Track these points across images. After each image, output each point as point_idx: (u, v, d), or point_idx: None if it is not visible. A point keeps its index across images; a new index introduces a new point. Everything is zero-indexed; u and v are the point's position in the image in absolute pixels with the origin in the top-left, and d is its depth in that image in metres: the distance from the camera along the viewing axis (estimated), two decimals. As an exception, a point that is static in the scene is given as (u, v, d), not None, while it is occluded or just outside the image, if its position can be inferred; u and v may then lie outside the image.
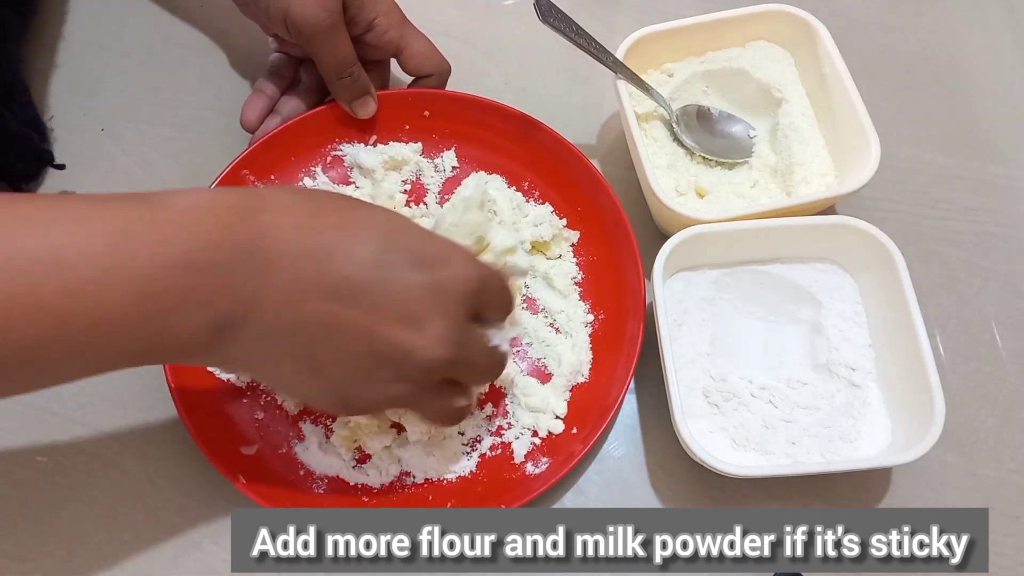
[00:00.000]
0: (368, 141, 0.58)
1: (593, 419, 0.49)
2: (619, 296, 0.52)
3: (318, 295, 0.36)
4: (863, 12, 0.68)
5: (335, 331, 0.37)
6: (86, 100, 0.61)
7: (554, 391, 0.51)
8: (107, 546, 0.47)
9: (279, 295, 0.35)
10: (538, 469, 0.49)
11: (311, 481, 0.49)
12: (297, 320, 0.36)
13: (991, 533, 0.49)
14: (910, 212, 0.59)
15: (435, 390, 0.41)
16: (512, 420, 0.51)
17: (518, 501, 0.46)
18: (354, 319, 0.37)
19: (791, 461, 0.48)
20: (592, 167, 0.54)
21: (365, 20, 0.53)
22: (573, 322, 0.53)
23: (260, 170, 0.56)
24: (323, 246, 0.36)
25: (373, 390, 0.39)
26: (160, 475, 0.49)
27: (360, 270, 0.37)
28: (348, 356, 0.38)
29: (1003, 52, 0.66)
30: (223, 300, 0.34)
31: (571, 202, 0.56)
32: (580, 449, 0.47)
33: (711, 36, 0.59)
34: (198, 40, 0.64)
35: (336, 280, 0.36)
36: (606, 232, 0.54)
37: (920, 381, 0.46)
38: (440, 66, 0.57)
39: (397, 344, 0.37)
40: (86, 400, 0.51)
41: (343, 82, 0.54)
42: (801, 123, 0.57)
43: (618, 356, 0.51)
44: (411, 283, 0.37)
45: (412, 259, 0.38)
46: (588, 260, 0.55)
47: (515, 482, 0.48)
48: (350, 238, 0.37)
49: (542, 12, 0.51)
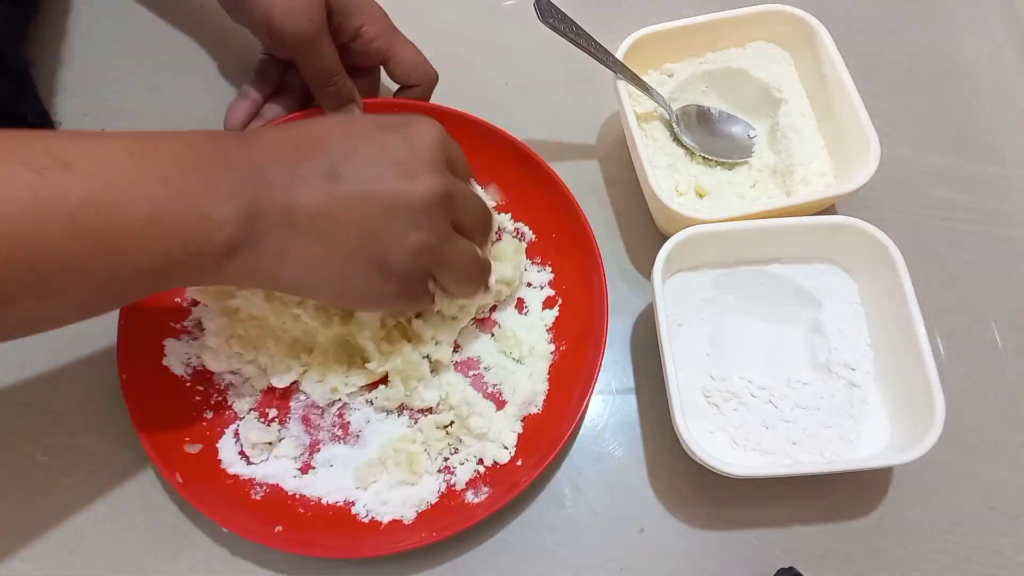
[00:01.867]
0: None
1: (541, 451, 0.48)
2: (583, 330, 0.51)
3: (317, 179, 0.41)
4: (863, 12, 0.68)
5: (341, 202, 0.41)
6: (86, 100, 0.61)
7: (506, 419, 0.50)
8: (107, 546, 0.47)
9: (284, 189, 0.40)
10: (478, 498, 0.48)
11: (251, 487, 0.48)
12: (306, 204, 0.40)
13: (991, 533, 0.49)
14: (910, 212, 0.59)
15: (452, 235, 0.45)
16: (458, 446, 0.50)
17: (452, 529, 0.45)
18: (353, 186, 0.41)
19: (791, 461, 0.48)
20: (570, 195, 0.53)
21: (351, 28, 0.53)
22: (535, 352, 0.52)
23: None
24: (304, 142, 0.42)
25: (399, 245, 0.42)
26: (160, 475, 0.49)
27: (340, 145, 0.42)
28: (360, 218, 0.41)
29: (1003, 52, 0.66)
30: (245, 191, 0.39)
31: (546, 229, 0.55)
32: (524, 480, 0.46)
33: (711, 36, 0.59)
34: (198, 40, 0.64)
35: (325, 161, 0.41)
36: (578, 264, 0.53)
37: (920, 381, 0.46)
38: (426, 76, 0.56)
39: (398, 192, 0.42)
40: (86, 400, 0.51)
41: (327, 91, 0.53)
42: (801, 123, 0.57)
43: (572, 390, 0.49)
44: (388, 142, 0.43)
45: (381, 127, 0.44)
46: (559, 291, 0.54)
47: (453, 509, 0.48)
48: (321, 131, 0.43)
49: (542, 12, 0.51)
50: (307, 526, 0.47)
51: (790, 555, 0.48)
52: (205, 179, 0.38)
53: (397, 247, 0.42)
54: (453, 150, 0.46)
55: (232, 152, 0.40)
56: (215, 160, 0.39)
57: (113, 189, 0.35)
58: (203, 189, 0.38)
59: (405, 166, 0.42)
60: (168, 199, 0.36)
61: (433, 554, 0.48)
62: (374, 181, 0.41)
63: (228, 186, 0.38)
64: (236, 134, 0.42)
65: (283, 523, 0.46)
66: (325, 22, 0.51)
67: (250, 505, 0.47)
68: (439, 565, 0.48)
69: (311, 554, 0.45)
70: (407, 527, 0.47)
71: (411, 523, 0.47)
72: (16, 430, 0.50)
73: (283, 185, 0.40)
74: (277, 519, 0.47)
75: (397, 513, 0.48)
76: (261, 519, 0.46)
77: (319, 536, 0.46)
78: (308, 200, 0.40)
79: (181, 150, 0.38)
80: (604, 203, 0.59)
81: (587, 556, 0.48)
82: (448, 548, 0.48)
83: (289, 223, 0.40)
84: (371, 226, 0.41)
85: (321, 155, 0.41)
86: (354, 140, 0.43)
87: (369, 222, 0.41)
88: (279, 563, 0.47)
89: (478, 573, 0.48)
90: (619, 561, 0.48)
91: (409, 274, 0.44)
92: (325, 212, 0.41)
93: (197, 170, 0.38)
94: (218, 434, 0.50)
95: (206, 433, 0.49)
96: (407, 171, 0.42)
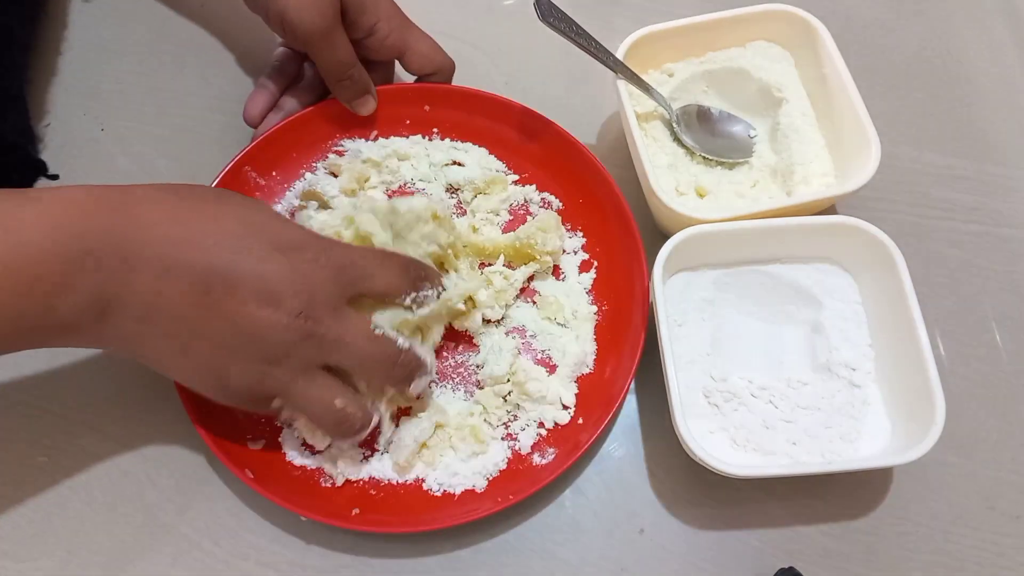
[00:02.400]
0: (369, 136, 0.58)
1: (599, 409, 0.49)
2: (622, 288, 0.53)
3: (183, 279, 0.39)
4: (863, 12, 0.68)
5: (199, 311, 0.39)
6: (86, 100, 0.61)
7: (560, 382, 0.51)
8: (107, 546, 0.47)
9: (147, 280, 0.39)
10: (545, 460, 0.49)
11: (320, 476, 0.48)
12: (164, 303, 0.39)
13: (991, 533, 0.49)
14: (910, 212, 0.59)
15: (308, 376, 0.42)
16: (517, 412, 0.51)
17: (524, 492, 0.46)
18: (216, 301, 0.39)
19: (791, 461, 0.48)
20: (594, 159, 0.55)
21: (366, 25, 0.53)
22: (578, 314, 0.54)
23: (262, 167, 0.56)
24: (187, 235, 0.39)
25: (243, 370, 0.41)
26: (160, 475, 0.49)
27: (220, 255, 0.39)
28: (212, 334, 0.40)
29: (1003, 52, 0.66)
30: (94, 286, 0.38)
31: (573, 195, 0.57)
32: (586, 439, 0.48)
33: (711, 36, 0.59)
34: (198, 40, 0.64)
35: (199, 265, 0.39)
36: (608, 225, 0.55)
37: (920, 381, 0.46)
38: (443, 65, 0.57)
39: (255, 319, 0.39)
40: (86, 400, 0.51)
41: (343, 84, 0.54)
42: (801, 123, 0.57)
43: (622, 347, 0.51)
44: (270, 265, 0.40)
45: (272, 245, 0.41)
46: (593, 253, 0.56)
47: (521, 473, 0.49)
48: (214, 227, 0.40)
49: (542, 12, 0.51)
50: (380, 506, 0.48)
51: (790, 555, 0.48)
52: (49, 272, 0.37)
53: (237, 375, 0.41)
54: (370, 276, 0.43)
55: (92, 237, 0.38)
56: (61, 252, 0.37)
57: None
58: (47, 284, 0.37)
59: (272, 295, 0.40)
60: (13, 291, 0.36)
61: (431, 552, 0.48)
62: (238, 303, 0.39)
63: (71, 282, 0.37)
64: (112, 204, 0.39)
65: (359, 506, 0.47)
66: (339, 16, 0.51)
67: (322, 493, 0.48)
68: (437, 560, 0.48)
69: (390, 531, 0.47)
70: (479, 495, 0.48)
71: (483, 491, 0.48)
72: (16, 430, 0.50)
73: (146, 287, 0.39)
74: (353, 503, 0.47)
75: (469, 484, 0.48)
76: (336, 504, 0.47)
77: (393, 516, 0.47)
78: (169, 303, 0.39)
79: (30, 238, 0.37)
80: (604, 203, 0.59)
81: (587, 556, 0.48)
82: (448, 547, 0.48)
83: (143, 319, 0.39)
84: (220, 343, 0.40)
85: (196, 256, 0.39)
86: (237, 254, 0.40)
87: (218, 339, 0.40)
88: (280, 563, 0.47)
89: (478, 573, 0.48)
90: (619, 561, 0.48)
91: (247, 396, 0.42)
92: (180, 317, 0.39)
93: (44, 258, 0.37)
94: (278, 429, 0.50)
95: (267, 429, 0.50)
96: (273, 298, 0.40)
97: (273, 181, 0.57)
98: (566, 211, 0.57)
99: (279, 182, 0.57)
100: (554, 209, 0.57)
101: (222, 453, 0.46)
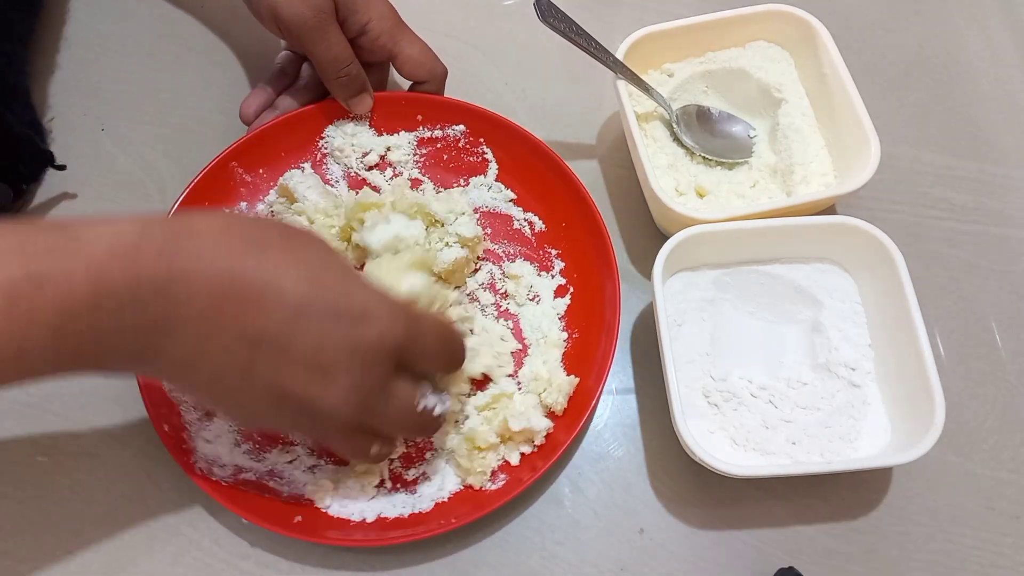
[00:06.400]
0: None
1: (551, 442, 0.48)
2: (594, 318, 0.52)
3: (231, 337, 0.36)
4: (863, 12, 0.68)
5: (244, 370, 0.37)
6: (86, 100, 0.61)
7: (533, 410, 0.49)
8: (107, 546, 0.47)
9: (193, 331, 0.35)
10: (495, 486, 0.48)
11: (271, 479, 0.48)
12: (209, 355, 0.36)
13: (991, 533, 0.49)
14: (910, 212, 0.59)
15: (347, 436, 0.41)
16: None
17: (469, 517, 0.45)
18: (263, 364, 0.37)
19: (791, 461, 0.48)
20: (580, 186, 0.53)
21: (357, 24, 0.53)
22: (548, 339, 0.53)
23: (249, 163, 0.56)
24: (242, 292, 0.36)
25: (280, 421, 0.41)
26: (160, 475, 0.49)
27: (275, 322, 0.36)
28: (256, 390, 0.38)
29: (1003, 52, 0.66)
30: (136, 339, 0.35)
31: (556, 217, 0.56)
32: (528, 478, 0.46)
33: (711, 36, 0.59)
34: (198, 40, 0.64)
35: (251, 328, 0.36)
36: (588, 254, 0.53)
37: (920, 381, 0.46)
38: (434, 72, 0.57)
39: (303, 395, 0.38)
40: (86, 400, 0.51)
41: (339, 80, 0.54)
42: (801, 123, 0.57)
43: (586, 380, 0.50)
44: (325, 336, 0.37)
45: (330, 311, 0.37)
46: (570, 279, 0.55)
47: (468, 497, 0.48)
48: (272, 285, 0.36)
49: (542, 12, 0.51)
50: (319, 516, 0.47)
51: (790, 555, 0.48)
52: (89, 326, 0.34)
53: (274, 422, 0.41)
54: (424, 348, 0.41)
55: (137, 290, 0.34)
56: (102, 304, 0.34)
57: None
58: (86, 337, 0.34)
59: (325, 370, 0.37)
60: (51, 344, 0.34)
61: (432, 552, 0.48)
62: (288, 366, 0.37)
63: (112, 335, 0.35)
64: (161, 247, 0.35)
65: (302, 514, 0.47)
66: (332, 11, 0.51)
67: (271, 497, 0.47)
68: (438, 561, 0.48)
69: (320, 542, 0.46)
70: (425, 515, 0.47)
71: (428, 512, 0.48)
72: (16, 430, 0.50)
73: (189, 346, 0.36)
74: (296, 511, 0.47)
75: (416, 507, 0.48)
76: (281, 511, 0.47)
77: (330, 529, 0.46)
78: (210, 354, 0.36)
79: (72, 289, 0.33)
80: (604, 203, 0.59)
81: (587, 556, 0.48)
82: (447, 547, 0.48)
83: (183, 375, 0.37)
84: (261, 398, 0.38)
85: (249, 317, 0.36)
86: (291, 323, 0.36)
87: (261, 396, 0.38)
88: (280, 564, 0.47)
89: (478, 572, 0.48)
90: (619, 561, 0.48)
91: (276, 431, 0.46)
92: (226, 367, 0.37)
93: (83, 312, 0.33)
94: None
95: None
96: (324, 373, 0.37)
97: (259, 178, 0.56)
98: (548, 233, 0.56)
99: (265, 179, 0.57)
100: (536, 231, 0.56)
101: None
